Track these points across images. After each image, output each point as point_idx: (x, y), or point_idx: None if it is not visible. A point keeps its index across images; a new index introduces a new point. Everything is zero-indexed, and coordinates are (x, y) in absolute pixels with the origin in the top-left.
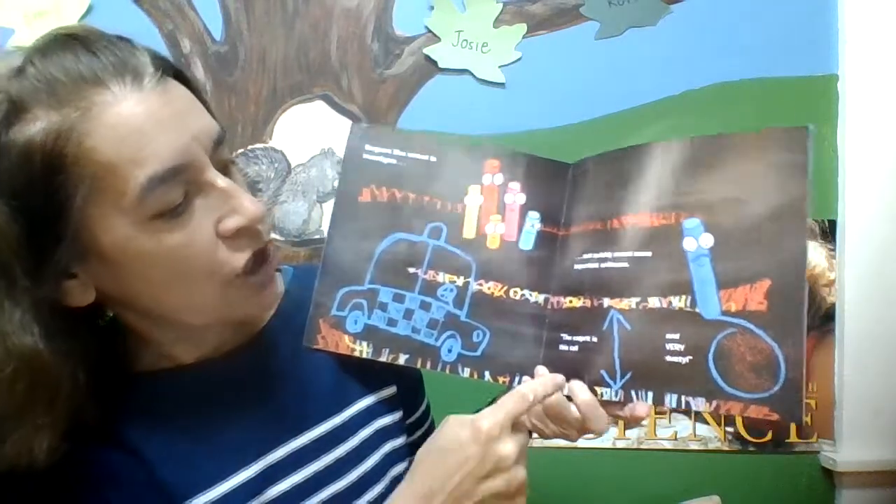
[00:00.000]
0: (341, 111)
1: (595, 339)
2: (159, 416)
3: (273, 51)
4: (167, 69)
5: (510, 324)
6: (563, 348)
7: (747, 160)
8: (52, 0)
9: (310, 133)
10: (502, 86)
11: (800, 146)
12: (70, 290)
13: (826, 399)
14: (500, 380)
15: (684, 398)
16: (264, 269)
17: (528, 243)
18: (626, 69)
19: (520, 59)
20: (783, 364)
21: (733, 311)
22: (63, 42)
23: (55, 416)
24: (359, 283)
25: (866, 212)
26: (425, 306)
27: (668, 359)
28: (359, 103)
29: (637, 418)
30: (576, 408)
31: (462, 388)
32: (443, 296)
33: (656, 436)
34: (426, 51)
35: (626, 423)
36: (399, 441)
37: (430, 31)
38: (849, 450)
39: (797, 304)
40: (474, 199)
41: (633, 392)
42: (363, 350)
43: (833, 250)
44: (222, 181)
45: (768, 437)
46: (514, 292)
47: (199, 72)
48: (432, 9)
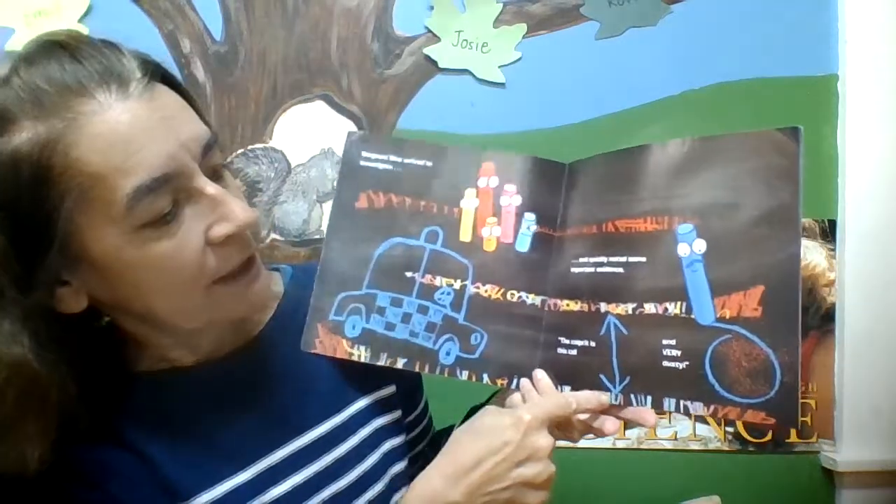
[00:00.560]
0: (341, 111)
1: (593, 344)
2: (160, 417)
3: (273, 51)
4: (155, 74)
5: (507, 326)
6: (561, 351)
7: (739, 163)
8: (52, 0)
9: (310, 133)
10: (502, 86)
11: (792, 148)
12: (63, 297)
13: (826, 399)
14: (499, 382)
15: (682, 402)
16: (247, 273)
17: (524, 245)
18: (626, 69)
19: (520, 59)
20: (778, 369)
21: (728, 317)
22: (48, 50)
23: (45, 425)
24: (356, 288)
25: (866, 212)
26: (423, 310)
27: (666, 364)
28: (359, 103)
29: (644, 425)
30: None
31: (460, 387)
32: (440, 299)
33: (656, 436)
34: (426, 51)
35: (626, 423)
36: (398, 440)
37: (430, 31)
38: (849, 450)
39: (792, 310)
40: (470, 202)
41: (632, 396)
42: (361, 354)
43: (833, 250)
44: (212, 188)
45: (768, 437)
46: (512, 294)
47: (199, 72)
48: (432, 9)
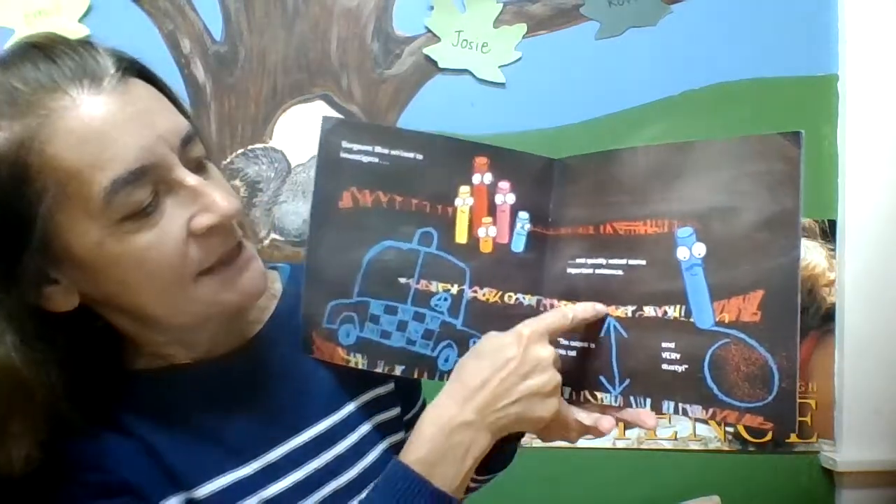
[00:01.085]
0: (341, 111)
1: (593, 346)
2: (160, 413)
3: (273, 51)
4: (130, 69)
5: (506, 329)
6: (560, 352)
7: (740, 167)
8: (52, 0)
9: (310, 133)
10: (502, 86)
11: (793, 152)
12: (52, 295)
13: (826, 399)
14: None
15: (681, 405)
16: (236, 260)
17: (519, 245)
18: (626, 69)
19: (520, 59)
20: (777, 374)
21: (727, 321)
22: (24, 52)
23: (31, 425)
24: (347, 296)
25: (866, 212)
26: (419, 317)
27: (665, 367)
28: (359, 103)
29: (644, 427)
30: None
31: None
32: (437, 305)
33: (656, 436)
34: (426, 51)
35: (626, 424)
36: (398, 437)
37: (430, 31)
38: (849, 450)
39: (791, 315)
40: (465, 200)
41: (631, 398)
42: (358, 362)
43: (833, 250)
44: (192, 179)
45: (768, 438)
46: (509, 297)
47: (199, 72)
48: (432, 9)
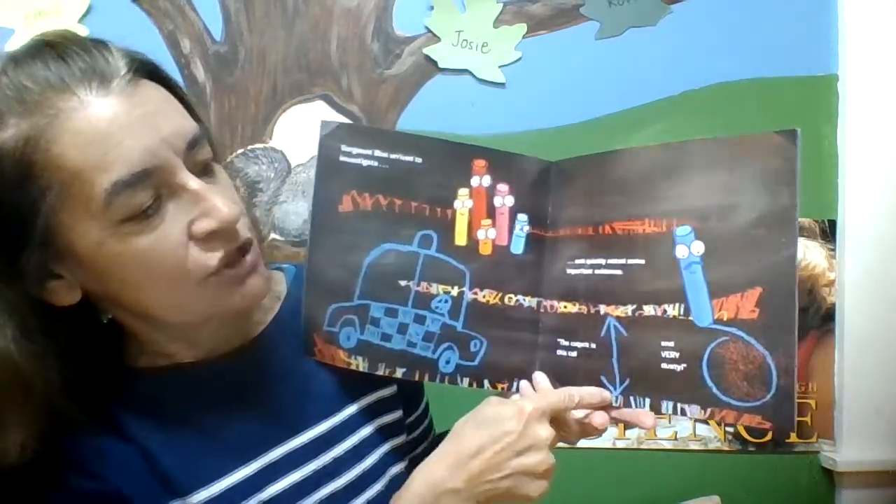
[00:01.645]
0: (341, 111)
1: (594, 346)
2: (160, 412)
3: (273, 51)
4: (141, 70)
5: (506, 330)
6: (561, 353)
7: (737, 165)
8: (52, 0)
9: (310, 133)
10: (502, 86)
11: (790, 150)
12: (55, 290)
13: (826, 399)
14: (500, 386)
15: (680, 405)
16: (241, 263)
17: (518, 247)
18: (626, 69)
19: (520, 59)
20: (775, 373)
21: (725, 319)
22: (36, 50)
23: (27, 415)
24: (347, 299)
25: (866, 212)
26: (420, 319)
27: (664, 366)
28: (359, 103)
29: (642, 427)
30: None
31: (461, 390)
32: (437, 308)
33: (656, 436)
34: (426, 51)
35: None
36: (399, 440)
37: (430, 31)
38: (849, 450)
39: (789, 312)
40: (464, 203)
41: (631, 398)
42: (359, 364)
43: (833, 250)
44: (195, 183)
45: (768, 437)
46: (509, 298)
47: (199, 72)
48: (432, 9)
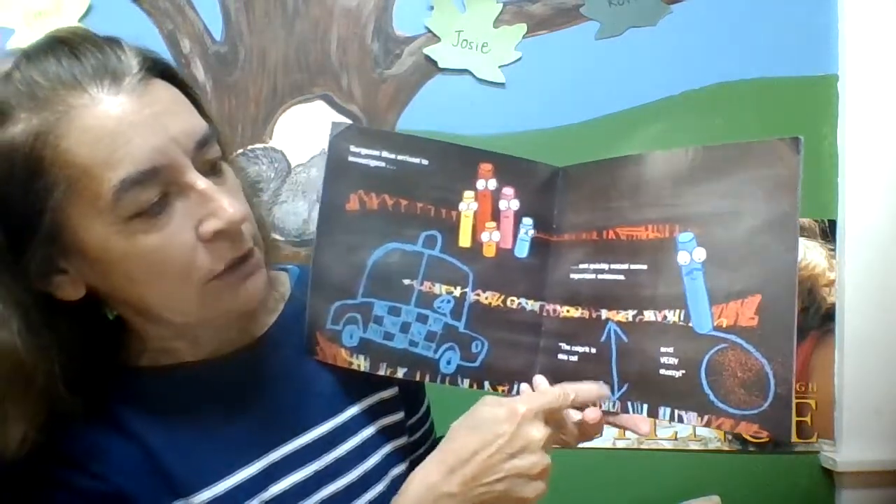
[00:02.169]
0: (341, 111)
1: (594, 350)
2: (163, 411)
3: (273, 51)
4: (154, 69)
5: (508, 333)
6: (562, 357)
7: (740, 172)
8: (52, 0)
9: (310, 133)
10: (502, 86)
11: (792, 157)
12: (61, 284)
13: (826, 399)
14: (500, 389)
15: (677, 412)
16: (242, 267)
17: (522, 251)
18: (626, 69)
19: (520, 59)
20: (773, 381)
21: (725, 326)
22: (49, 46)
23: (27, 408)
24: (351, 297)
25: (866, 212)
26: (422, 319)
27: (663, 372)
28: (359, 103)
29: (638, 433)
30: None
31: (462, 393)
32: (440, 307)
33: (656, 436)
34: (426, 51)
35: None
36: (400, 441)
37: (430, 31)
38: (849, 450)
39: (788, 320)
40: (469, 205)
41: (629, 404)
42: (361, 364)
43: (833, 250)
44: (202, 183)
45: (768, 438)
46: (512, 301)
47: (199, 72)
48: (432, 9)
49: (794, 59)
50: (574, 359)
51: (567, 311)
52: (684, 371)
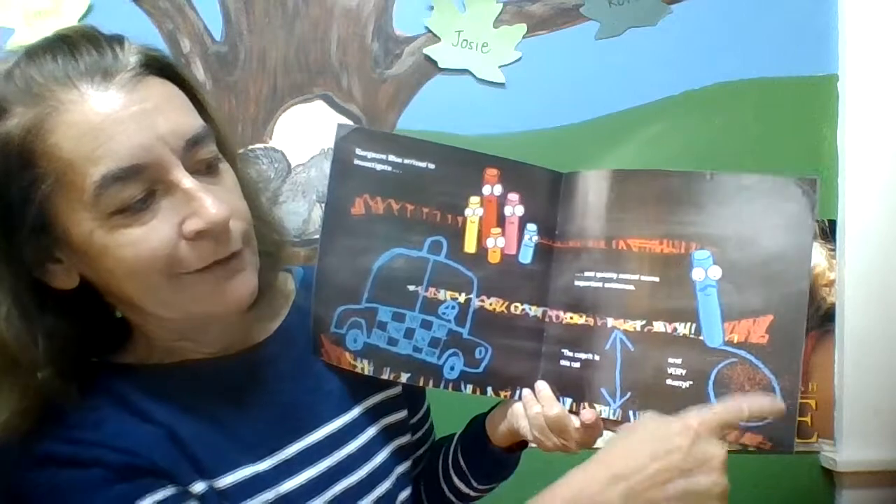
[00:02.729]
0: (341, 111)
1: (597, 358)
2: (179, 405)
3: (273, 51)
4: (153, 67)
5: (511, 339)
6: (564, 363)
7: (759, 201)
8: (52, 0)
9: (310, 133)
10: (502, 86)
11: (808, 197)
12: (55, 273)
13: (826, 399)
14: (503, 394)
15: None
16: (226, 267)
17: (527, 257)
18: (626, 69)
19: (520, 59)
20: (779, 396)
21: (735, 342)
22: (50, 44)
23: (10, 389)
24: (356, 302)
25: (866, 212)
26: (426, 325)
27: (669, 382)
28: (359, 103)
29: None
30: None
31: (463, 396)
32: (444, 314)
33: None
34: (426, 51)
35: None
36: (405, 439)
37: (430, 31)
38: (849, 450)
39: (797, 340)
40: (475, 211)
41: (630, 412)
42: (364, 367)
43: (833, 250)
44: (189, 182)
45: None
46: (515, 307)
47: (199, 72)
48: (432, 9)
49: (794, 59)
50: (576, 365)
51: (570, 317)
52: (692, 382)
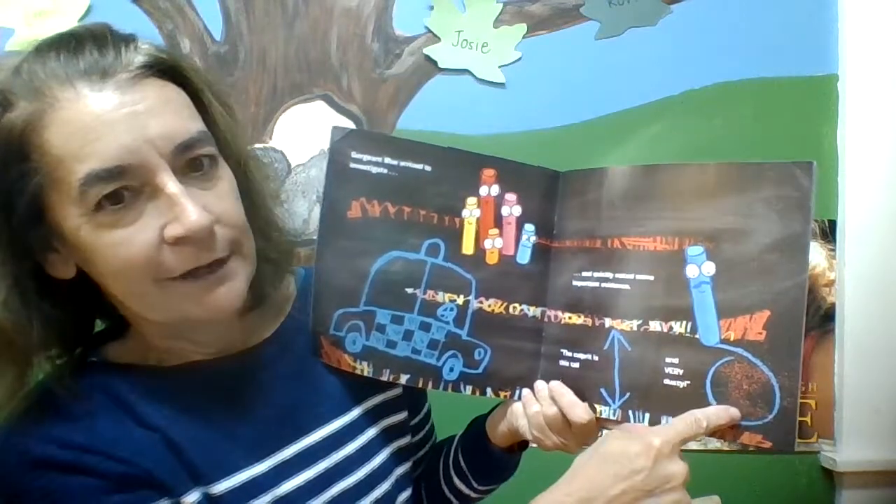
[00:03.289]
0: (341, 111)
1: (596, 358)
2: (179, 406)
3: (273, 51)
4: (156, 69)
5: (510, 339)
6: (563, 364)
7: (753, 192)
8: (52, 0)
9: (310, 133)
10: (502, 86)
11: (805, 181)
12: (53, 262)
13: (826, 399)
14: (502, 395)
15: None
16: (210, 275)
17: (524, 257)
18: (626, 69)
19: (520, 59)
20: (778, 393)
21: (732, 339)
22: (57, 42)
23: (5, 371)
24: (354, 305)
25: (866, 212)
26: (425, 327)
27: (667, 382)
28: (359, 103)
29: None
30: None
31: (464, 398)
32: (443, 315)
33: None
34: (426, 51)
35: None
36: (405, 441)
37: (430, 31)
38: (849, 450)
39: (795, 336)
40: (473, 212)
41: (630, 412)
42: (364, 369)
43: (833, 250)
44: (173, 187)
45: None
46: (514, 308)
47: None
48: (432, 9)
49: (794, 59)
50: (576, 365)
51: (569, 317)
52: (689, 381)
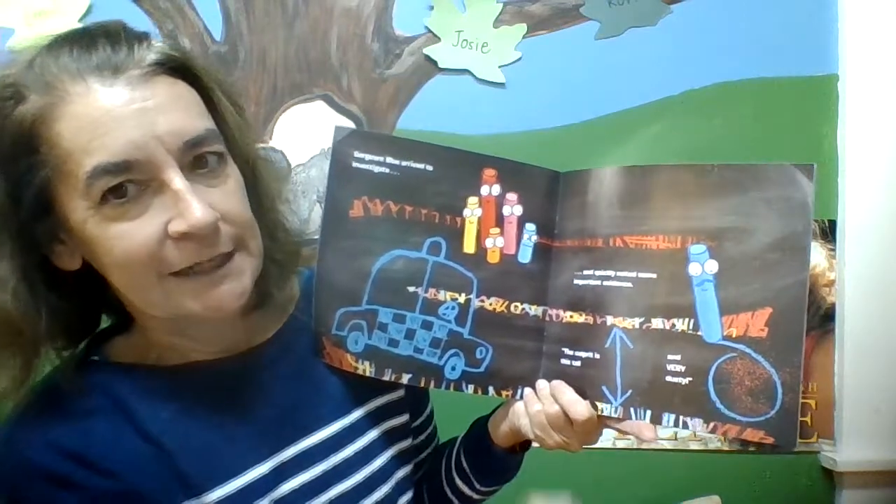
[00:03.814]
0: (341, 111)
1: (597, 356)
2: (177, 408)
3: (273, 51)
4: (167, 66)
5: (512, 338)
6: (564, 362)
7: (755, 192)
8: (52, 0)
9: (310, 133)
10: (502, 86)
11: (805, 182)
12: (60, 253)
13: (826, 399)
14: (504, 394)
15: (682, 418)
16: (214, 272)
17: (526, 256)
18: (626, 69)
19: (520, 59)
20: (780, 389)
21: (734, 336)
22: (71, 37)
23: (11, 358)
24: (356, 304)
25: (866, 212)
26: (427, 326)
27: (669, 379)
28: (359, 103)
29: (643, 440)
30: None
31: (465, 398)
32: (445, 314)
33: (657, 436)
34: (426, 51)
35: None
36: (405, 443)
37: (430, 31)
38: (849, 450)
39: (796, 333)
40: (474, 211)
41: (632, 409)
42: (366, 369)
43: (833, 250)
44: (179, 183)
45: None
46: (515, 307)
47: None
48: (432, 9)
49: (794, 59)
50: (577, 364)
51: (570, 316)
52: (691, 378)
